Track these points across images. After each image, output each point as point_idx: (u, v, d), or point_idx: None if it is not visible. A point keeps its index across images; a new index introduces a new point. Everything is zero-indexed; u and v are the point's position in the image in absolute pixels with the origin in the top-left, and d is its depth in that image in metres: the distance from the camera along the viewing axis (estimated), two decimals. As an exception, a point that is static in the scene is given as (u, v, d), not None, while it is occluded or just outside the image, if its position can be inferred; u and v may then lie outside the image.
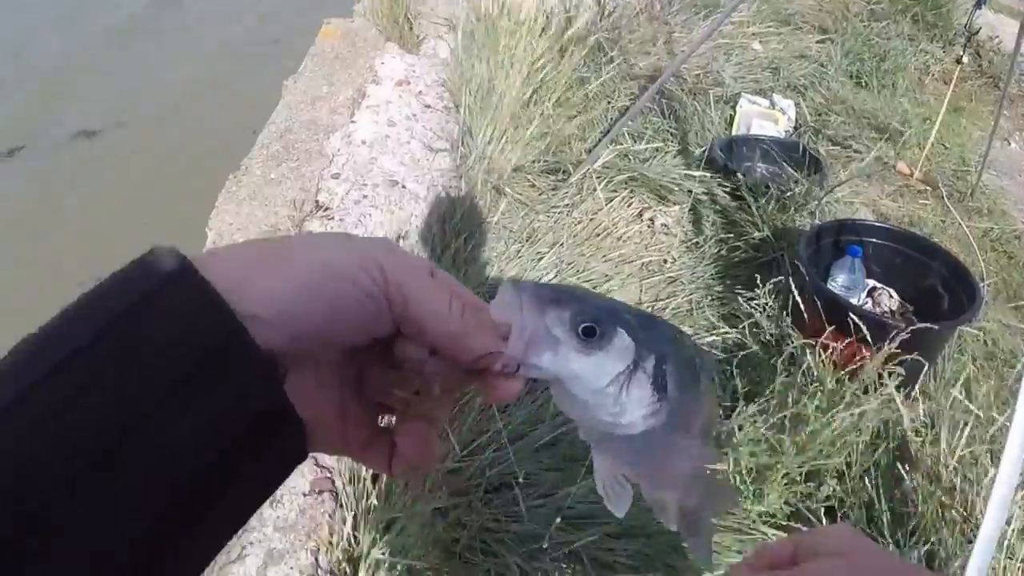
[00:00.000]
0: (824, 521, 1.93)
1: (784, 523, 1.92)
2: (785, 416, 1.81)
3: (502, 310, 0.40)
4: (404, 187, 3.08)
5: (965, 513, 1.90)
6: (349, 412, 0.43)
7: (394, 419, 0.46)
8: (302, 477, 1.99)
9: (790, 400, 1.83)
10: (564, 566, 1.83)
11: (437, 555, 1.78)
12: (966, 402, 2.15)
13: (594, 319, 0.40)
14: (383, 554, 1.76)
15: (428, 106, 3.57)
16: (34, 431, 0.29)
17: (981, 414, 2.13)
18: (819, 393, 1.89)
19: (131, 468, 0.30)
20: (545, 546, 1.75)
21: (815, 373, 1.99)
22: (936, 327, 2.31)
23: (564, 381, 0.41)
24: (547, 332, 0.40)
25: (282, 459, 0.36)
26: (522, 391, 0.41)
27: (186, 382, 0.31)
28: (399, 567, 1.76)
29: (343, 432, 0.43)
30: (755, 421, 1.86)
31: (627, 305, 0.45)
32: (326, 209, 2.95)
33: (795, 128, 3.90)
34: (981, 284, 2.49)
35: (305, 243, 0.38)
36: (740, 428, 1.88)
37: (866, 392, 1.96)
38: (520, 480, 1.88)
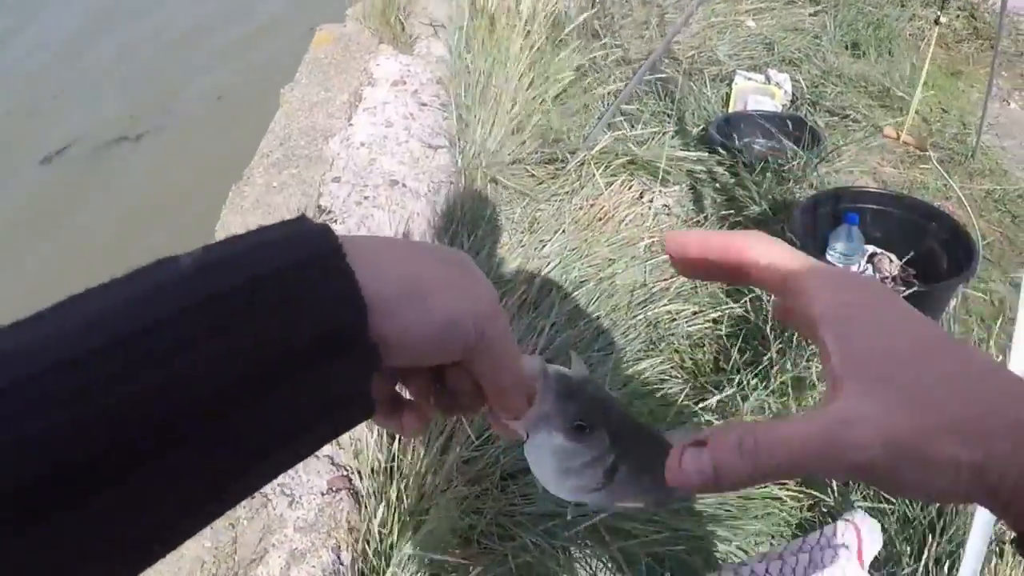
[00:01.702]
0: (834, 489, 1.96)
1: (796, 486, 1.95)
2: (786, 383, 1.83)
3: (531, 384, 0.51)
4: (404, 186, 3.11)
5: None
6: (379, 383, 0.48)
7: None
8: (319, 477, 2.04)
9: (789, 364, 1.85)
10: (582, 542, 1.87)
11: (456, 543, 1.81)
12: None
13: (587, 419, 0.51)
14: (413, 548, 1.80)
15: (424, 104, 3.60)
16: (177, 353, 0.32)
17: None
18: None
19: (241, 407, 0.34)
20: (570, 517, 1.79)
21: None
22: (929, 288, 2.33)
23: (541, 449, 0.52)
24: (551, 418, 0.51)
25: (346, 427, 0.42)
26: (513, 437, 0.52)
27: (300, 356, 0.36)
28: (426, 560, 1.80)
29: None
30: (755, 387, 1.88)
31: (620, 410, 0.55)
32: (328, 212, 2.98)
33: (792, 101, 3.90)
34: (977, 245, 2.49)
35: (442, 282, 0.43)
36: (744, 399, 1.91)
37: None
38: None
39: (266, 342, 0.34)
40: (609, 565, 1.87)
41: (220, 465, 0.35)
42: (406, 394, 0.53)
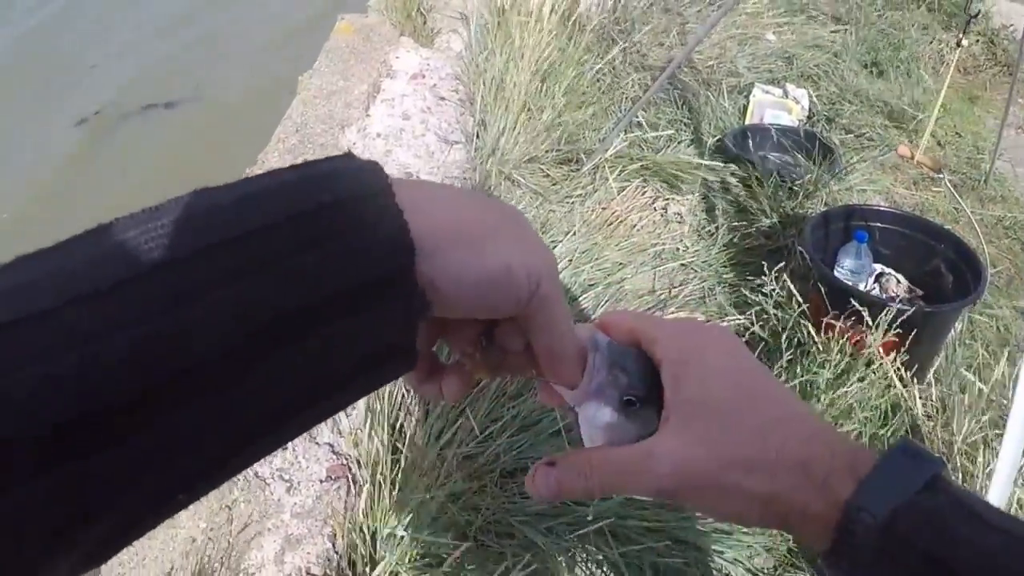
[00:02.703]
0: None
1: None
2: (795, 387, 1.84)
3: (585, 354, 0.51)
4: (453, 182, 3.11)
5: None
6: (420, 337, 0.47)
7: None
8: (319, 464, 2.05)
9: (799, 370, 1.86)
10: (584, 544, 1.87)
11: (453, 538, 1.82)
12: (979, 384, 2.17)
13: (636, 395, 0.50)
14: (404, 531, 1.80)
15: (443, 99, 3.61)
16: (205, 290, 0.30)
17: (993, 398, 2.15)
18: (827, 364, 1.91)
19: (282, 346, 0.32)
20: (589, 517, 1.78)
21: (823, 348, 2.02)
22: (935, 309, 2.33)
23: (589, 423, 0.52)
24: (604, 389, 0.51)
25: (389, 376, 0.41)
26: (559, 405, 0.53)
27: (345, 297, 0.34)
28: (416, 544, 1.80)
29: None
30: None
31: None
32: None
33: (808, 117, 3.90)
34: (985, 268, 2.49)
35: (494, 229, 0.41)
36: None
37: (868, 366, 1.99)
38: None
39: (304, 282, 0.33)
40: (608, 572, 1.87)
41: (251, 412, 0.33)
42: (445, 358, 0.52)
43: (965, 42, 3.30)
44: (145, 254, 0.30)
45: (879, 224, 2.73)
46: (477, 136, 3.27)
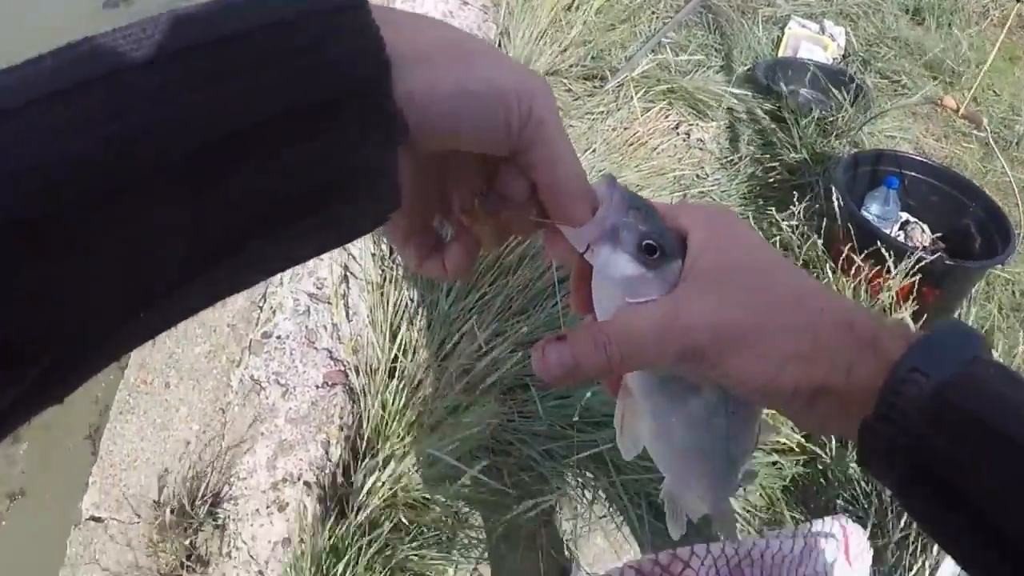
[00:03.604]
0: (832, 449, 1.92)
1: (799, 448, 1.90)
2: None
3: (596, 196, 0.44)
4: None
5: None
6: (417, 203, 0.44)
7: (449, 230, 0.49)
8: (315, 369, 1.98)
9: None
10: (582, 468, 1.83)
11: (451, 452, 1.76)
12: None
13: (659, 241, 0.44)
14: (404, 450, 1.75)
15: (466, 3, 3.47)
16: (177, 92, 0.29)
17: (1005, 362, 2.09)
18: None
19: (250, 160, 0.31)
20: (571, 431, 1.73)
21: (841, 288, 1.95)
22: (958, 264, 2.26)
23: (606, 278, 0.45)
24: (618, 231, 0.43)
25: (368, 212, 0.37)
26: (569, 260, 0.46)
27: (320, 106, 0.32)
28: (412, 456, 1.75)
29: (401, 216, 0.44)
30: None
31: None
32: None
33: (843, 56, 3.77)
34: (1016, 231, 2.41)
35: (479, 51, 0.38)
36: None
37: (886, 312, 1.92)
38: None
39: (278, 91, 0.31)
40: (602, 496, 1.83)
41: (218, 228, 0.31)
42: (446, 236, 0.48)
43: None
44: (116, 56, 0.29)
45: (910, 173, 2.64)
46: (499, 45, 3.13)
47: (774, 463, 1.89)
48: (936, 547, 1.64)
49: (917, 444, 0.38)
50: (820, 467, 1.89)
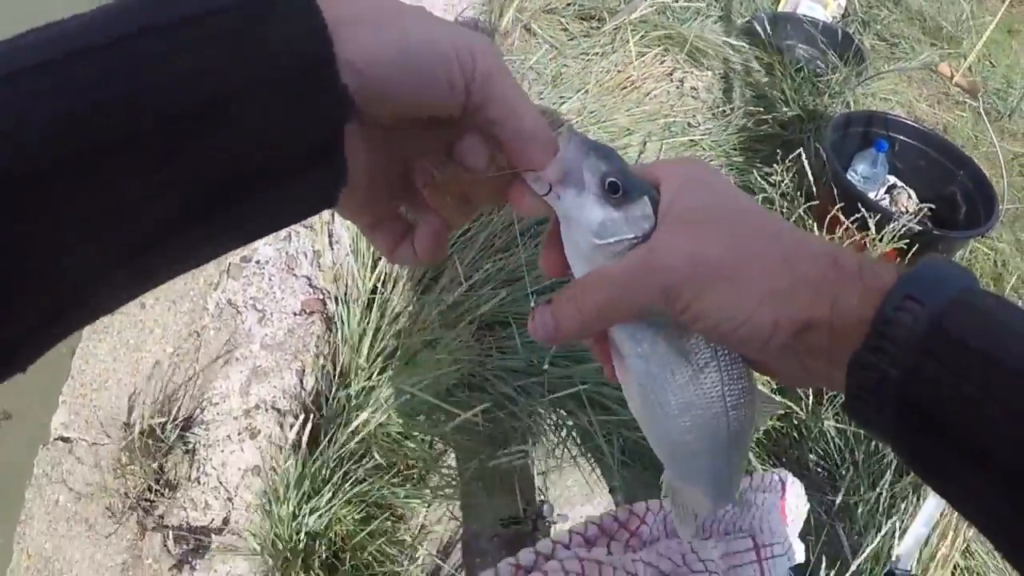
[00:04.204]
0: (807, 404, 1.93)
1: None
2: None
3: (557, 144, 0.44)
4: (430, 10, 2.93)
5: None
6: (378, 185, 0.44)
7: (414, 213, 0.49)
8: (293, 296, 1.96)
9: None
10: (557, 407, 1.82)
11: (427, 387, 1.75)
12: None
13: (623, 180, 0.43)
14: (379, 382, 1.74)
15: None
16: (113, 78, 0.29)
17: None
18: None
19: (191, 142, 0.31)
20: (546, 367, 1.72)
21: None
22: (943, 234, 2.27)
23: (573, 222, 0.44)
24: (580, 172, 0.43)
25: (317, 189, 0.37)
26: (538, 212, 0.45)
27: (264, 83, 0.32)
28: (387, 389, 1.74)
29: (365, 200, 0.45)
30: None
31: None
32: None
33: (843, 16, 3.72)
34: (999, 202, 2.41)
35: (419, 13, 0.38)
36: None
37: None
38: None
39: (213, 76, 0.31)
40: (576, 435, 1.83)
41: (184, 192, 0.32)
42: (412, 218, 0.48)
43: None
44: (88, 35, 0.30)
45: (900, 137, 2.63)
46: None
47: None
48: (905, 506, 1.66)
49: (910, 376, 0.36)
50: (795, 422, 1.91)
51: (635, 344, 0.46)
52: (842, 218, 2.19)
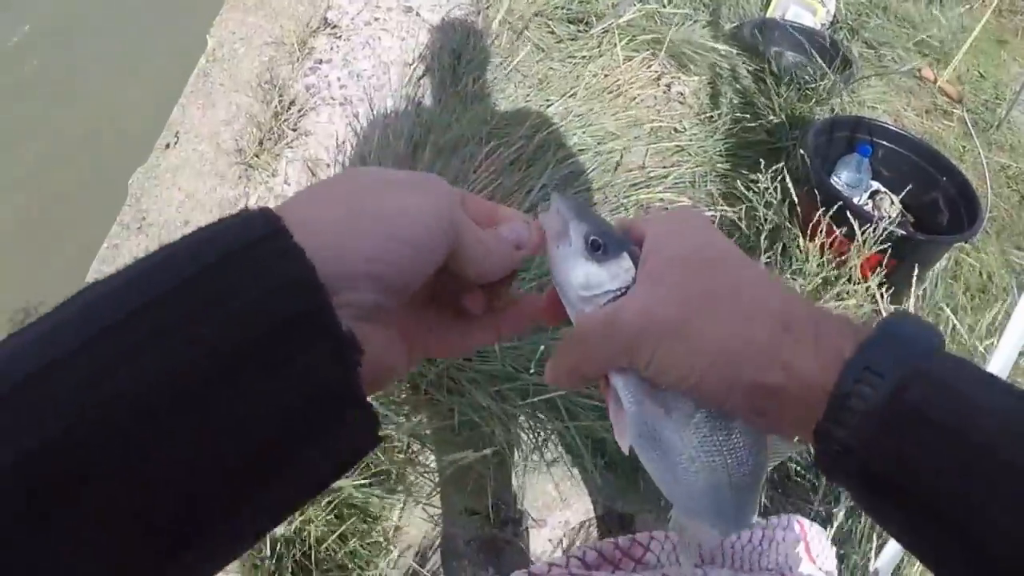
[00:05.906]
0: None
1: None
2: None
3: (545, 217, 0.50)
4: (419, 15, 2.94)
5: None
6: (418, 333, 0.46)
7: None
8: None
9: (779, 273, 1.78)
10: (534, 412, 1.81)
11: (403, 388, 1.74)
12: (954, 319, 2.12)
13: (604, 239, 0.47)
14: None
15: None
16: (93, 378, 0.28)
17: (966, 340, 2.10)
18: (808, 273, 1.84)
19: (180, 432, 0.29)
20: (532, 370, 1.71)
21: (807, 256, 1.94)
22: (926, 239, 2.27)
23: (563, 276, 0.48)
24: (566, 233, 0.47)
25: (348, 445, 0.36)
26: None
27: (258, 349, 0.31)
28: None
29: (425, 346, 0.48)
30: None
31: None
32: (334, 27, 2.81)
33: (832, 23, 3.73)
34: (984, 211, 2.41)
35: (386, 190, 0.39)
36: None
37: (850, 281, 1.92)
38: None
39: (205, 344, 0.30)
40: (552, 440, 1.82)
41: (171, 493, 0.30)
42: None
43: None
44: (42, 356, 0.28)
45: (885, 143, 2.64)
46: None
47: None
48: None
49: (872, 449, 0.36)
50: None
51: (627, 392, 0.47)
52: (825, 224, 2.19)
